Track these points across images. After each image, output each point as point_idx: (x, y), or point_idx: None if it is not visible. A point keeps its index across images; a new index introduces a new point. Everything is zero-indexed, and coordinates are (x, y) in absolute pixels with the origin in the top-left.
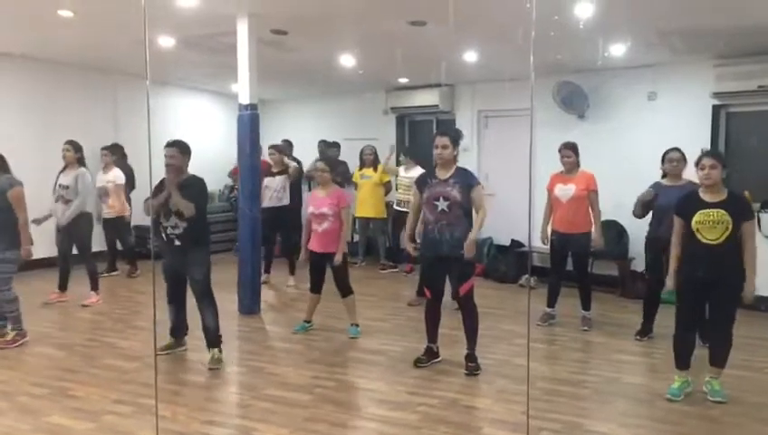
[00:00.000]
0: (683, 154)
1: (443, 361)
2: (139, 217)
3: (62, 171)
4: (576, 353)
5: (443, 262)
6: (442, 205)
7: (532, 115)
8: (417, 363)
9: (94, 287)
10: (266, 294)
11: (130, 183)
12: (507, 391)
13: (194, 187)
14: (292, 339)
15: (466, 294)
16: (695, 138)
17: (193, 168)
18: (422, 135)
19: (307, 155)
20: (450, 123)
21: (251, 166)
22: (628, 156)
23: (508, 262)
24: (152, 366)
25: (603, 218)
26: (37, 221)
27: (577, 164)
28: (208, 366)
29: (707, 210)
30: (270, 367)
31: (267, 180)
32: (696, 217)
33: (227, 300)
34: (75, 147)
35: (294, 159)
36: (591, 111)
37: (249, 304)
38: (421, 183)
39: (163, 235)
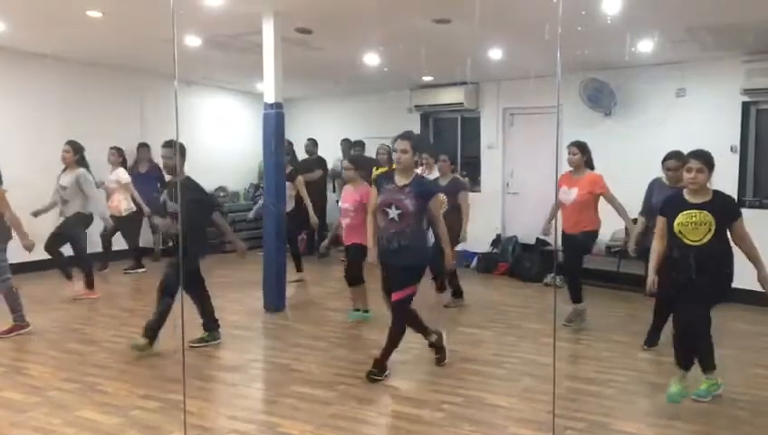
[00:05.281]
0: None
1: (468, 359)
2: None
3: (63, 172)
4: (602, 353)
5: (389, 270)
6: (393, 213)
7: (559, 113)
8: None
9: (89, 286)
10: (295, 292)
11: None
12: (533, 390)
13: (189, 190)
14: (317, 336)
15: (398, 301)
16: (724, 135)
17: (219, 167)
18: (447, 133)
19: (331, 153)
20: (475, 121)
21: (276, 164)
22: (655, 153)
23: (533, 260)
24: (179, 362)
25: (630, 217)
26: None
27: (585, 163)
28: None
29: (690, 211)
30: (294, 364)
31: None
32: (678, 219)
33: (252, 297)
34: (75, 148)
35: (319, 158)
36: (618, 109)
37: (275, 301)
38: (378, 184)
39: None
